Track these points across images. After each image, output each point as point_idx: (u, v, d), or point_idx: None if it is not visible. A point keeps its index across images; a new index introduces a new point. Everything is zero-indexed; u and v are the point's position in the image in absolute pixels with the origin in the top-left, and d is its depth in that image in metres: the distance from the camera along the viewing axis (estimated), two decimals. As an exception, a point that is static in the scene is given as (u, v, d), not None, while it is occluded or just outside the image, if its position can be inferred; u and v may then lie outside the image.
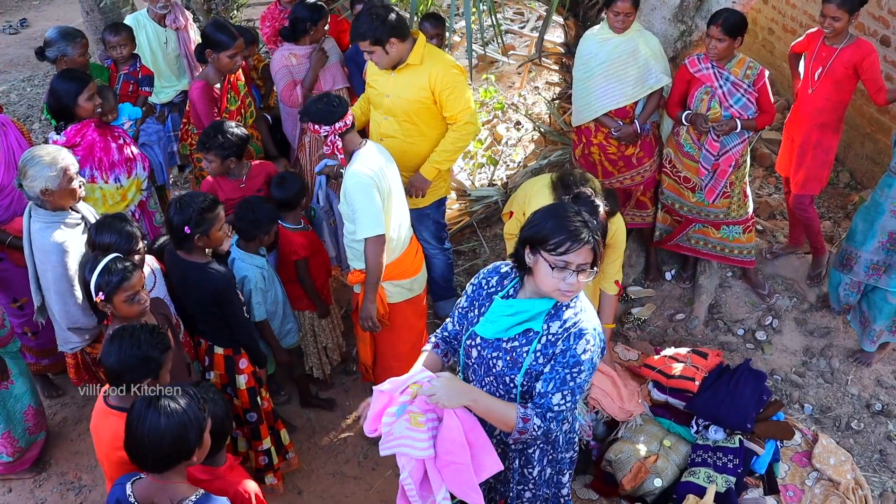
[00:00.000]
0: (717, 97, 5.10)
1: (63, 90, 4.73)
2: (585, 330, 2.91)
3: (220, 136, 4.66)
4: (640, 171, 5.53)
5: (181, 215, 3.96)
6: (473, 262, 6.34)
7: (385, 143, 4.86)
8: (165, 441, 2.66)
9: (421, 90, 4.84)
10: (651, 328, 5.68)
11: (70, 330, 4.18)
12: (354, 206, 4.23)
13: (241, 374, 4.32)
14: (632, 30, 5.16)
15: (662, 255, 6.08)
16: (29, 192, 4.02)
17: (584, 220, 2.85)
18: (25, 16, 12.97)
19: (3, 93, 10.25)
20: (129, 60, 5.92)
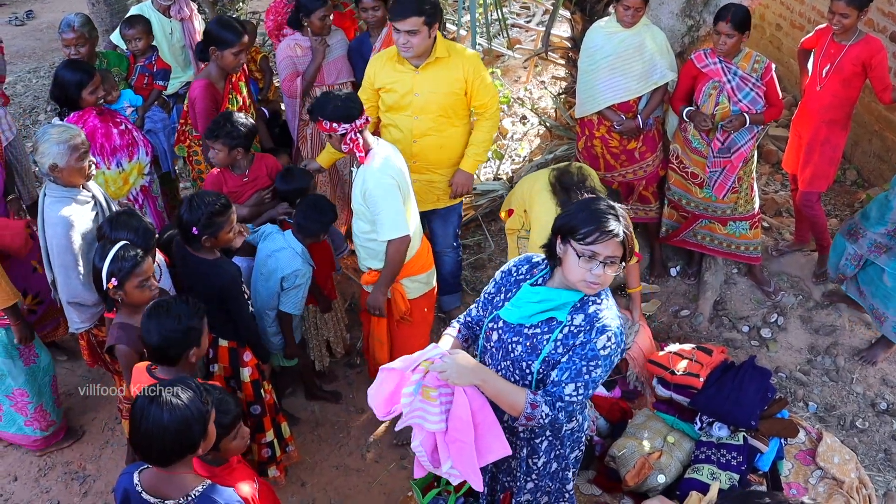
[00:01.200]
0: (725, 92, 5.09)
1: (69, 81, 4.86)
2: (608, 327, 2.91)
3: (229, 125, 4.66)
4: (643, 165, 5.52)
5: (191, 215, 3.99)
6: (478, 256, 6.33)
7: (420, 144, 4.88)
8: (168, 435, 2.65)
9: (455, 82, 4.82)
10: (656, 324, 5.66)
11: (70, 304, 4.22)
12: (378, 208, 4.19)
13: (245, 367, 4.33)
14: (639, 24, 5.14)
15: (667, 251, 6.07)
16: (41, 168, 4.12)
17: (616, 214, 2.87)
18: (32, 7, 12.99)
19: (9, 84, 10.22)
20: (145, 53, 5.94)
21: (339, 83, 5.74)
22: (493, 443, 3.00)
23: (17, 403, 4.69)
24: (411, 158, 4.88)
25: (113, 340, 3.70)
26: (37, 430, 4.80)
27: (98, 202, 4.30)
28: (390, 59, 4.85)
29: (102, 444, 4.95)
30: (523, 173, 6.90)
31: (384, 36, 5.50)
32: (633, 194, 5.66)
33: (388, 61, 4.86)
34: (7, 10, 12.93)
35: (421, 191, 5.01)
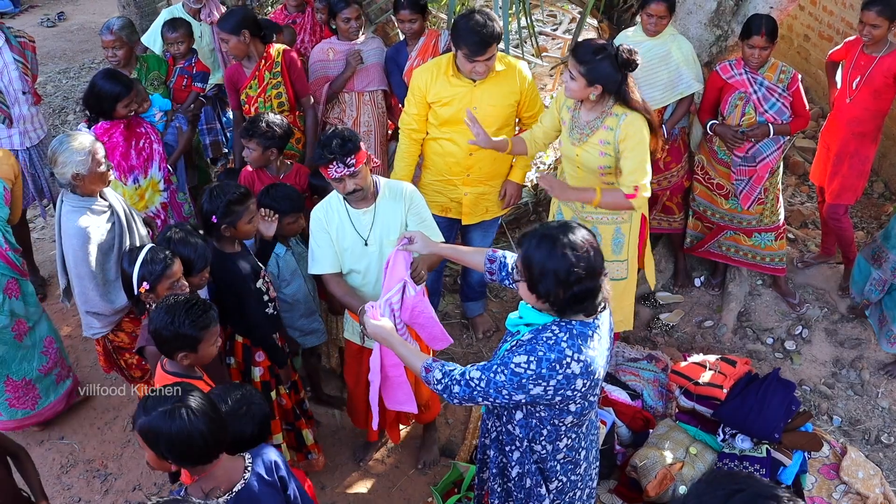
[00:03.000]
0: (751, 103, 5.07)
1: (107, 92, 4.90)
2: (536, 350, 2.82)
3: (265, 125, 4.72)
4: (667, 175, 5.50)
5: (210, 204, 4.02)
6: (501, 264, 6.32)
7: (476, 156, 4.89)
8: (216, 427, 2.69)
9: (511, 95, 4.83)
10: (679, 334, 5.64)
11: (88, 314, 4.28)
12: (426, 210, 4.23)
13: (257, 367, 4.34)
14: (665, 34, 5.13)
15: (692, 262, 6.04)
16: (60, 179, 4.15)
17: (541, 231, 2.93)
18: (63, 9, 13.12)
19: (40, 84, 10.33)
20: (185, 55, 6.01)
21: (370, 90, 5.72)
22: (400, 395, 3.93)
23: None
24: (466, 171, 4.91)
25: (143, 342, 3.73)
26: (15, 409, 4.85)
27: (115, 211, 4.33)
28: (443, 72, 4.78)
29: (124, 443, 4.99)
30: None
31: (420, 46, 5.53)
32: (658, 205, 5.64)
33: (442, 75, 4.77)
34: (39, 12, 13.09)
35: (472, 203, 5.06)
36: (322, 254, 4.08)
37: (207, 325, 3.37)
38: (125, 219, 4.35)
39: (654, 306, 5.85)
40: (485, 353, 5.50)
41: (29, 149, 5.89)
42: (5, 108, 5.67)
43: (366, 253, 4.05)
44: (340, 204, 4.04)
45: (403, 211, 4.06)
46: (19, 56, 5.66)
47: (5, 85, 5.64)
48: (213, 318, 3.41)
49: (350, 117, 5.73)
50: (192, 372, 3.47)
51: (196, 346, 3.36)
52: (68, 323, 5.97)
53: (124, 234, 4.31)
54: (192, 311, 3.34)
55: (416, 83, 4.85)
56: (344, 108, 5.74)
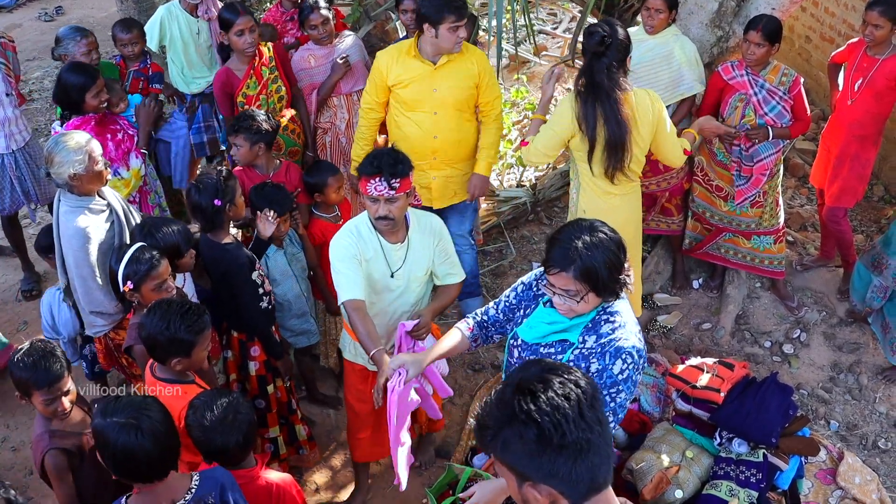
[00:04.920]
0: (751, 104, 5.04)
1: (71, 84, 4.85)
2: (623, 349, 2.87)
3: (250, 121, 4.69)
4: (666, 176, 5.47)
5: (206, 193, 4.04)
6: (499, 263, 6.30)
7: (440, 139, 4.91)
8: (163, 448, 2.67)
9: (471, 77, 4.87)
10: (677, 336, 5.61)
11: (93, 313, 4.23)
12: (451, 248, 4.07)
13: (253, 361, 4.35)
14: (668, 33, 5.10)
15: (690, 263, 6.02)
16: (57, 180, 4.08)
17: (575, 247, 2.82)
18: (61, 3, 13.06)
19: (37, 79, 10.34)
20: (139, 57, 5.95)
21: (357, 90, 5.64)
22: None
23: None
24: (431, 154, 4.92)
25: (131, 341, 3.71)
26: None
27: (113, 210, 4.28)
28: (404, 53, 4.83)
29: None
30: (547, 181, 6.87)
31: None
32: (656, 206, 5.61)
33: (403, 56, 4.83)
34: (37, 6, 13.03)
35: (440, 187, 5.09)
36: (352, 281, 3.68)
37: (202, 329, 3.37)
38: (124, 216, 4.31)
39: (652, 308, 5.82)
40: (481, 353, 5.46)
41: (14, 151, 5.82)
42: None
43: (388, 286, 3.85)
44: (373, 235, 3.75)
45: (433, 246, 3.89)
46: (0, 58, 5.59)
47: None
48: (206, 322, 3.41)
49: (342, 119, 5.67)
50: (184, 376, 3.45)
51: (190, 350, 3.35)
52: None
53: (124, 231, 4.26)
54: (187, 316, 3.33)
55: (377, 66, 4.92)
56: (335, 112, 5.67)
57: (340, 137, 5.68)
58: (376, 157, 3.54)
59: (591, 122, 4.24)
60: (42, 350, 3.32)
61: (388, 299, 3.87)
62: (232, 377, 4.46)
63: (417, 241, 3.83)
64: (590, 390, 1.89)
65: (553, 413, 1.83)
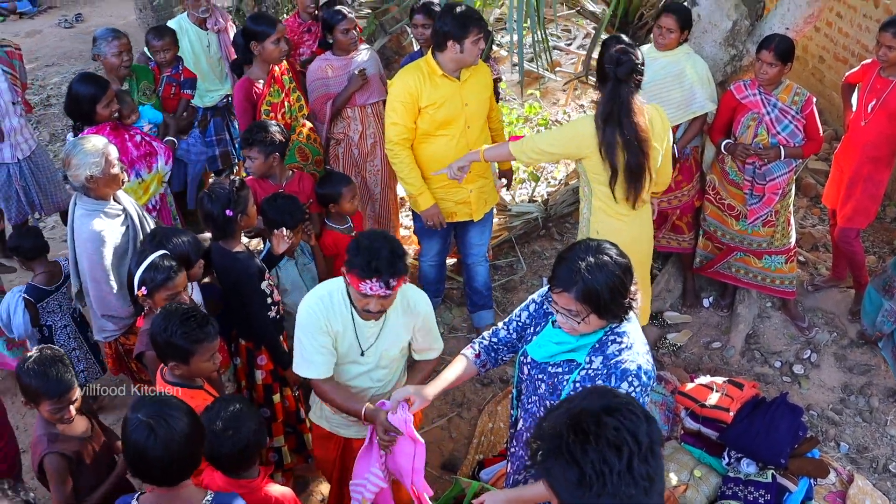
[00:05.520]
0: (764, 124, 5.03)
1: (82, 95, 4.86)
2: (629, 371, 2.84)
3: (263, 132, 4.70)
4: (678, 194, 5.47)
5: (218, 202, 4.05)
6: (510, 278, 6.30)
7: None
8: (174, 456, 2.61)
9: (488, 87, 5.06)
10: (686, 355, 5.60)
11: (104, 317, 4.27)
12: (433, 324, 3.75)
13: (259, 370, 4.35)
14: (680, 51, 5.12)
15: (701, 282, 6.00)
16: (74, 182, 4.13)
17: (578, 268, 2.81)
18: (81, 11, 13.23)
19: (55, 84, 10.43)
20: (172, 63, 5.99)
21: (371, 102, 5.67)
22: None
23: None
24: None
25: (142, 347, 3.72)
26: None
27: (129, 214, 4.32)
28: (430, 74, 4.81)
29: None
30: (559, 197, 6.88)
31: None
32: (667, 223, 5.61)
33: (429, 77, 4.81)
34: (57, 13, 13.18)
35: (477, 199, 5.15)
36: (315, 356, 3.47)
37: (201, 339, 3.33)
38: (138, 221, 4.35)
39: (662, 326, 5.81)
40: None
41: (20, 161, 5.87)
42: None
43: (357, 361, 3.56)
44: (345, 307, 3.44)
45: (413, 327, 3.60)
46: (7, 66, 5.64)
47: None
48: (209, 333, 3.36)
49: (356, 131, 5.69)
50: (192, 382, 3.45)
51: (187, 358, 3.33)
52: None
53: (138, 237, 4.30)
54: (186, 323, 3.31)
55: (404, 90, 4.82)
56: (349, 123, 5.69)
57: (353, 149, 5.70)
58: (373, 257, 3.17)
59: (613, 148, 4.19)
60: (52, 358, 3.32)
61: (354, 372, 3.60)
62: (242, 384, 4.47)
63: (395, 320, 3.53)
64: (646, 442, 1.84)
65: (599, 462, 1.79)
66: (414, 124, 4.89)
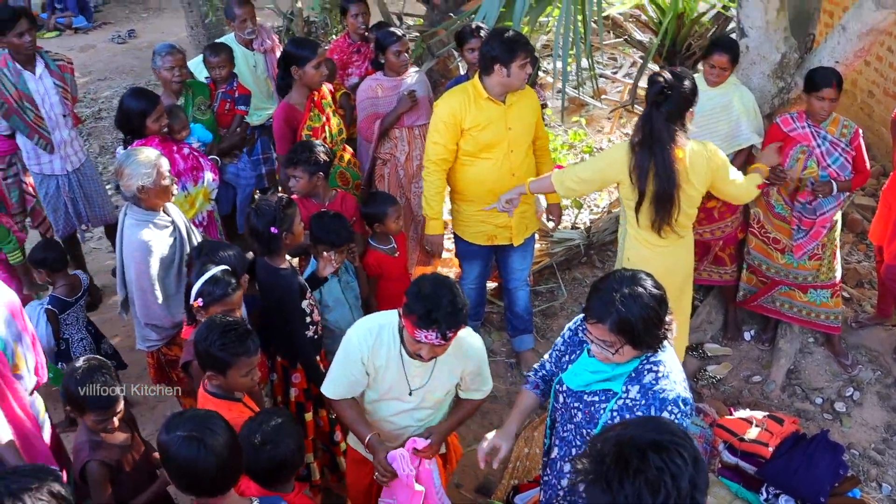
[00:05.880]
0: (813, 157, 4.99)
1: (132, 109, 4.98)
2: (668, 400, 2.84)
3: (308, 152, 4.75)
4: (721, 225, 5.43)
5: (264, 218, 4.08)
6: (550, 304, 6.29)
7: (518, 177, 4.94)
8: (224, 464, 2.67)
9: (534, 112, 5.04)
10: (726, 388, 5.54)
11: (148, 326, 4.34)
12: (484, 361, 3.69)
13: (293, 388, 4.36)
14: (728, 83, 5.11)
15: (742, 315, 5.94)
16: (125, 192, 4.23)
17: (612, 299, 2.81)
18: (134, 27, 13.51)
19: (107, 98, 10.64)
20: (227, 80, 6.09)
21: (419, 125, 5.70)
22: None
23: None
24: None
25: (189, 357, 3.76)
26: None
27: (177, 227, 4.40)
28: (473, 97, 4.84)
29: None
30: (601, 224, 6.87)
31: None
32: (709, 255, 5.56)
33: (474, 99, 4.84)
34: (111, 29, 13.48)
35: (518, 224, 5.12)
36: (341, 380, 3.56)
37: (239, 353, 3.35)
38: (186, 234, 4.42)
39: (702, 357, 5.76)
40: (527, 393, 5.45)
41: (69, 173, 5.99)
42: (46, 134, 5.76)
43: (400, 398, 3.55)
44: (394, 344, 3.41)
45: (462, 371, 3.56)
46: (59, 80, 5.75)
47: (46, 111, 5.73)
48: (248, 348, 3.38)
49: (402, 152, 5.74)
50: (231, 394, 3.48)
51: (224, 370, 3.36)
52: (117, 333, 6.05)
53: (185, 249, 4.39)
54: (226, 335, 3.34)
55: (448, 111, 4.86)
56: (395, 144, 5.74)
57: (399, 169, 5.74)
58: (433, 307, 3.11)
59: (643, 172, 4.22)
60: (99, 369, 3.40)
61: (396, 409, 3.60)
62: (278, 399, 4.50)
63: (447, 363, 3.49)
64: (686, 489, 1.81)
65: (633, 498, 1.78)
66: (455, 146, 4.93)
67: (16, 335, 3.55)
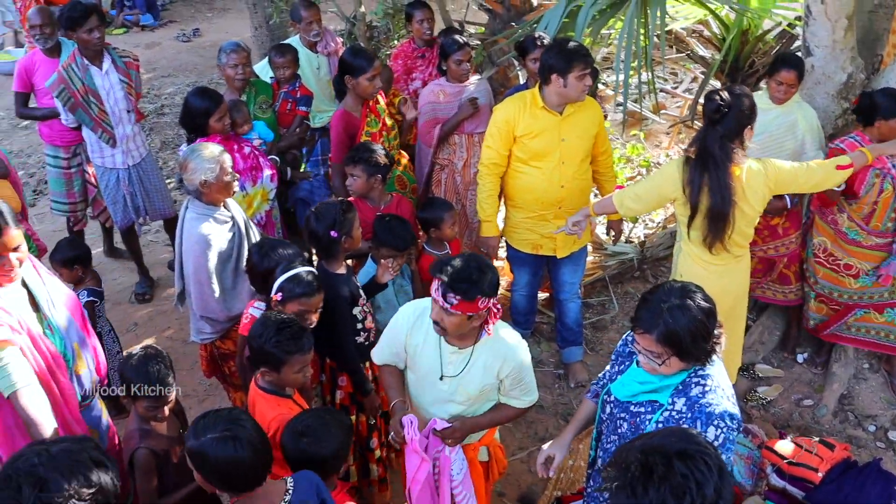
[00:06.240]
0: (889, 178, 4.83)
1: (196, 108, 5.08)
2: (714, 414, 2.82)
3: (369, 153, 4.80)
4: (785, 242, 5.36)
5: (324, 222, 4.12)
6: (601, 317, 6.26)
7: (567, 189, 4.93)
8: (260, 455, 2.75)
9: (593, 126, 4.97)
10: (776, 410, 5.46)
11: (203, 319, 4.41)
12: (529, 375, 3.66)
13: (339, 390, 4.38)
14: (791, 101, 5.04)
15: (796, 337, 5.84)
16: (188, 186, 4.31)
17: (660, 310, 2.82)
18: (199, 26, 13.75)
19: (169, 94, 10.85)
20: (290, 80, 6.17)
21: (479, 132, 5.71)
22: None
23: None
24: (557, 204, 4.93)
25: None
26: None
27: (236, 222, 4.47)
28: (529, 104, 4.86)
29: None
30: (656, 239, 6.83)
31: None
32: (773, 272, 5.46)
33: (529, 107, 4.86)
34: (176, 27, 13.74)
35: (564, 236, 5.04)
36: (387, 349, 3.72)
37: (293, 350, 3.40)
38: (245, 230, 4.49)
39: (753, 378, 5.69)
40: (575, 405, 5.41)
41: (129, 168, 6.12)
42: (109, 128, 5.89)
43: (434, 384, 3.59)
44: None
45: (498, 372, 3.53)
46: (124, 76, 5.88)
47: (111, 105, 5.85)
48: (302, 345, 3.43)
49: (461, 158, 5.78)
50: (282, 390, 3.52)
51: (279, 366, 3.41)
52: (171, 325, 6.17)
53: (243, 245, 4.45)
54: (281, 332, 3.39)
55: (502, 117, 4.91)
56: (454, 150, 5.78)
57: (456, 176, 5.78)
58: (453, 265, 3.23)
59: (696, 188, 4.19)
60: (154, 357, 3.48)
61: (430, 397, 3.65)
62: (326, 399, 4.53)
63: (484, 356, 3.50)
64: (711, 496, 1.81)
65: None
66: (508, 152, 4.96)
67: (78, 336, 3.62)
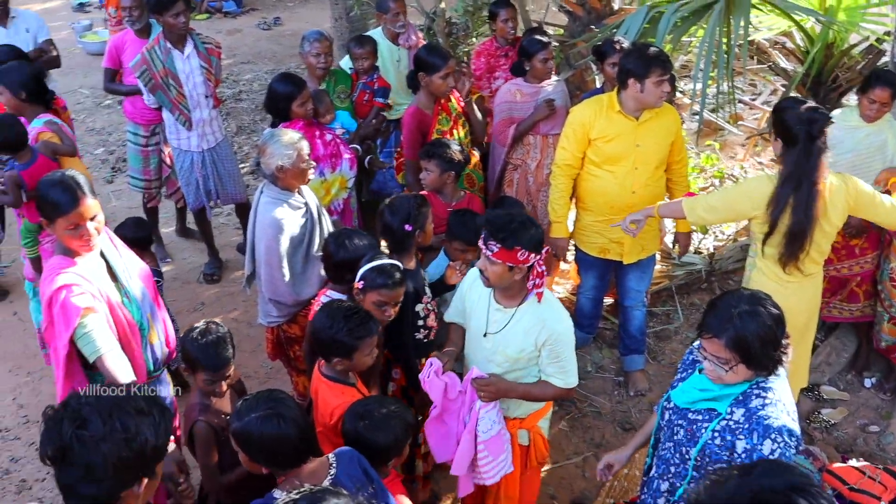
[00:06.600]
0: None
1: (280, 93, 5.20)
2: (771, 427, 2.79)
3: (444, 149, 4.83)
4: (861, 261, 5.26)
5: (399, 215, 4.13)
6: (665, 327, 6.20)
7: (639, 195, 4.89)
8: (304, 430, 2.84)
9: (670, 134, 4.92)
10: (839, 434, 5.34)
11: (271, 302, 4.48)
12: (567, 351, 3.70)
13: (392, 383, 4.39)
14: (883, 120, 4.93)
15: (865, 360, 5.71)
16: (265, 170, 4.39)
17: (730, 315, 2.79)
18: (280, 15, 13.96)
19: (248, 81, 11.04)
20: (369, 71, 6.22)
21: (553, 133, 5.68)
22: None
23: None
24: (628, 209, 4.84)
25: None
26: None
27: (309, 209, 4.53)
28: (606, 108, 4.84)
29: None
30: (726, 252, 6.73)
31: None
32: (844, 290, 5.35)
33: (606, 110, 4.84)
34: (258, 15, 13.98)
35: (632, 242, 5.04)
36: (455, 306, 4.00)
37: (363, 335, 3.44)
38: (317, 217, 4.55)
39: (817, 399, 5.57)
40: (633, 413, 5.38)
41: (203, 151, 6.23)
42: (186, 111, 6.01)
43: (480, 343, 3.76)
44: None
45: (536, 340, 3.62)
46: (205, 62, 6.00)
47: (189, 89, 5.97)
48: (371, 329, 3.48)
49: (534, 159, 5.76)
50: (347, 378, 3.56)
51: (351, 353, 3.44)
52: (237, 307, 6.28)
53: (315, 231, 4.52)
54: (350, 320, 3.43)
55: (578, 119, 4.91)
56: (528, 150, 5.77)
57: (528, 176, 5.77)
58: (497, 214, 3.53)
59: (781, 205, 4.08)
60: (216, 333, 3.57)
61: (476, 356, 3.80)
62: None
63: (521, 320, 3.61)
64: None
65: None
66: (582, 154, 4.95)
67: (150, 307, 3.76)
